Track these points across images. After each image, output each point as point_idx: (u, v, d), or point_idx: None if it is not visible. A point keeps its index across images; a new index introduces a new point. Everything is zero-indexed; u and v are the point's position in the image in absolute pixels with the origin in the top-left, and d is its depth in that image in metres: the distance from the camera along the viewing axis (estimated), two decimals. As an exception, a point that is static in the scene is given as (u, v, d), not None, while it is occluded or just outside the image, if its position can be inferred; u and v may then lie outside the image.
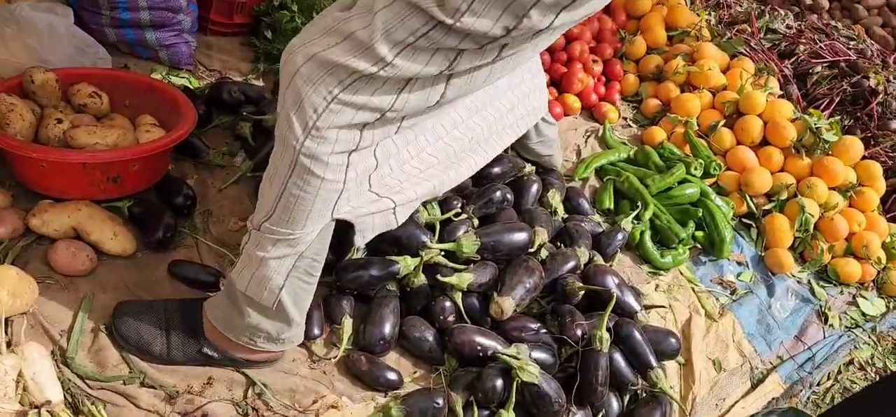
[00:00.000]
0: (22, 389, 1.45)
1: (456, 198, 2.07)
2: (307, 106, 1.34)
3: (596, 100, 2.94)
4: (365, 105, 1.36)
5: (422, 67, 1.32)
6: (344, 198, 1.51)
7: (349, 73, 1.31)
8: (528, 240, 1.98)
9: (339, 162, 1.43)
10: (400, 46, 1.29)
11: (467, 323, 1.87)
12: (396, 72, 1.31)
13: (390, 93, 1.36)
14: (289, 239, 1.49)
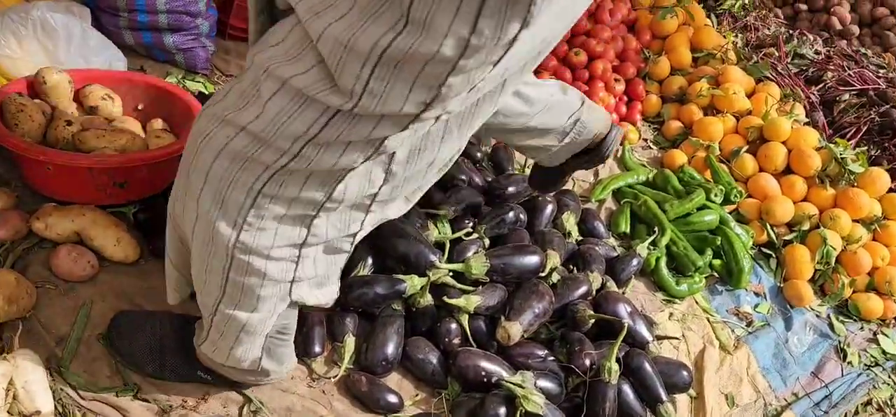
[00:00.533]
0: (12, 397, 1.40)
1: (467, 217, 2.01)
2: (231, 205, 1.19)
3: (617, 120, 2.86)
4: (297, 198, 1.19)
5: (336, 160, 1.12)
6: (303, 285, 1.37)
7: (264, 168, 1.14)
8: (539, 264, 1.91)
9: (286, 255, 1.28)
10: (302, 140, 1.09)
11: (473, 346, 1.80)
12: (311, 164, 1.13)
13: (321, 188, 1.18)
14: (248, 325, 1.37)
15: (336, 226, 1.29)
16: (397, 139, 1.12)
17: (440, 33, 0.93)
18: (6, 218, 1.65)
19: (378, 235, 1.82)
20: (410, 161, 1.24)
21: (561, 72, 2.81)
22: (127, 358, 1.55)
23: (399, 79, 1.00)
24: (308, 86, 1.04)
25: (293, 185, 1.16)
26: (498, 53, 0.99)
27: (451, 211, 1.96)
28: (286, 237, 1.24)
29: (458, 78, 1.00)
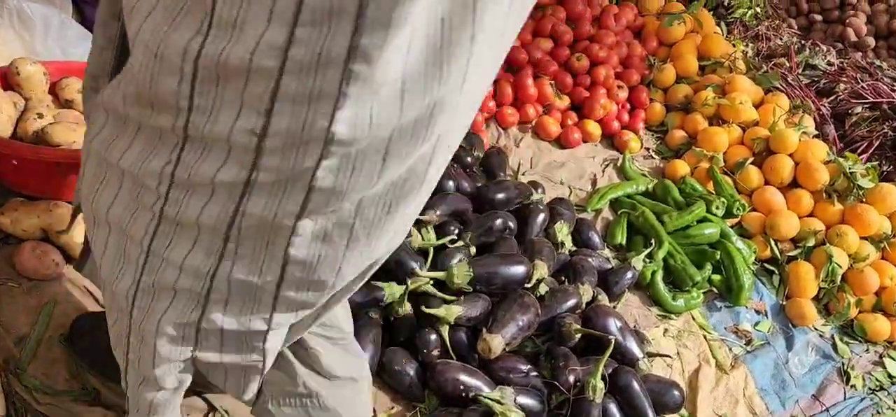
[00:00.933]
0: (-37, 400, 1.34)
1: (454, 223, 1.93)
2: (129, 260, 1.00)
3: (618, 128, 2.77)
4: (183, 265, 0.97)
5: (199, 211, 0.89)
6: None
7: (151, 216, 0.93)
8: (525, 274, 1.82)
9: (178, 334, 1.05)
10: (166, 179, 0.88)
11: (453, 359, 1.72)
12: (181, 215, 0.91)
13: (207, 253, 0.94)
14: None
15: (235, 316, 1.02)
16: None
17: (252, 38, 0.75)
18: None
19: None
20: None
21: (562, 76, 2.72)
22: (87, 360, 1.48)
23: (225, 95, 0.79)
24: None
25: (180, 245, 0.94)
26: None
27: (436, 216, 1.88)
28: (179, 312, 1.01)
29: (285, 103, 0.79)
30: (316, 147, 0.79)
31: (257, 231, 0.89)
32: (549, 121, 2.64)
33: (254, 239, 0.91)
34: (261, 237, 0.90)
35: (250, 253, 0.92)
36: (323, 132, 0.78)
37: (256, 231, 0.89)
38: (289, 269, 0.92)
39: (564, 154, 2.66)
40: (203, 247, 0.92)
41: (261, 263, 0.93)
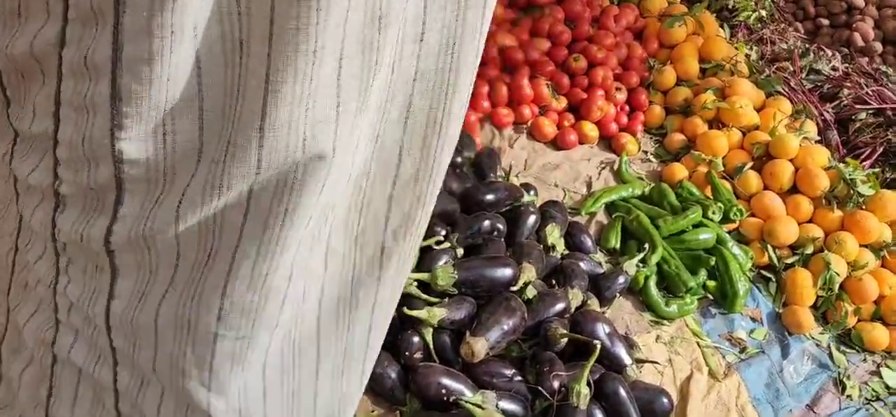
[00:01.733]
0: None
1: (440, 224, 1.89)
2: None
3: (615, 131, 2.72)
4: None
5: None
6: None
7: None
8: (512, 277, 1.78)
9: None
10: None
11: (436, 362, 1.69)
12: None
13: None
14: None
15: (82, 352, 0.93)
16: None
17: (31, 32, 0.71)
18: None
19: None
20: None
21: (559, 77, 2.68)
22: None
23: (26, 89, 0.75)
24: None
25: (33, 248, 0.88)
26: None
27: (421, 217, 1.84)
28: (39, 324, 0.93)
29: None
30: (106, 165, 0.74)
31: (78, 249, 0.83)
32: (545, 122, 2.61)
33: (82, 260, 0.85)
34: (85, 258, 0.84)
35: (80, 270, 0.86)
36: (108, 150, 0.73)
37: (76, 249, 0.83)
38: (114, 306, 0.85)
39: (559, 156, 2.62)
40: (46, 256, 0.87)
41: (91, 285, 0.86)
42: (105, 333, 0.88)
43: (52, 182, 0.79)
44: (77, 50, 0.68)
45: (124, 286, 0.85)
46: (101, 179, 0.75)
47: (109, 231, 0.79)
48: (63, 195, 0.79)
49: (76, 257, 0.85)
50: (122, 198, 0.77)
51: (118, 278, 0.84)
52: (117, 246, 0.80)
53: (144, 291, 0.85)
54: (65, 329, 0.91)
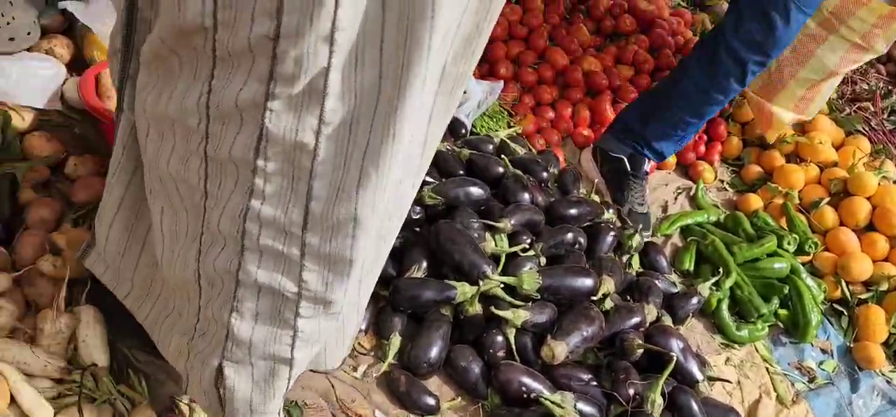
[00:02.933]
0: (73, 349, 1.46)
1: (526, 233, 1.98)
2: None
3: (693, 159, 2.77)
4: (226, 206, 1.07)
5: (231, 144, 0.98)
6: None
7: (200, 159, 1.05)
8: (592, 287, 1.86)
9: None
10: (203, 111, 0.98)
11: (517, 361, 1.77)
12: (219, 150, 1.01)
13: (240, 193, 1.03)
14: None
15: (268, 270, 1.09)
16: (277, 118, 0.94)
17: None
18: (89, 183, 1.73)
19: (434, 240, 1.82)
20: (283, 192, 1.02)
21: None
22: (113, 314, 1.53)
23: (240, 3, 0.86)
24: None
25: (226, 184, 1.02)
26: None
27: (509, 225, 1.94)
28: (224, 259, 1.09)
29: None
30: (324, 46, 0.86)
31: (282, 158, 0.96)
32: (626, 145, 2.67)
33: (279, 176, 0.97)
34: (285, 167, 0.96)
35: (277, 188, 0.99)
36: (328, 29, 0.85)
37: (281, 158, 0.96)
38: (312, 206, 0.99)
39: (638, 178, 2.68)
40: (239, 186, 1.00)
41: (288, 198, 0.99)
42: (299, 237, 1.03)
43: (267, 87, 0.90)
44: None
45: (321, 185, 0.98)
46: (319, 63, 0.88)
47: (319, 127, 0.92)
48: (275, 96, 0.91)
49: (274, 175, 0.97)
50: (330, 78, 0.90)
51: (315, 179, 0.98)
52: (323, 136, 0.94)
53: (340, 184, 0.98)
54: (250, 254, 1.06)
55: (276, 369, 1.18)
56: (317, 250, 1.05)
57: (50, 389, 1.39)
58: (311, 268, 1.07)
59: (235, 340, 1.15)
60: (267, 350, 1.16)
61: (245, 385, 1.20)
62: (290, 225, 1.02)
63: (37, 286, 1.50)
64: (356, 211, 1.01)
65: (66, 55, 1.97)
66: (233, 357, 1.17)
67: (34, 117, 1.82)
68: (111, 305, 1.52)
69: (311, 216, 1.01)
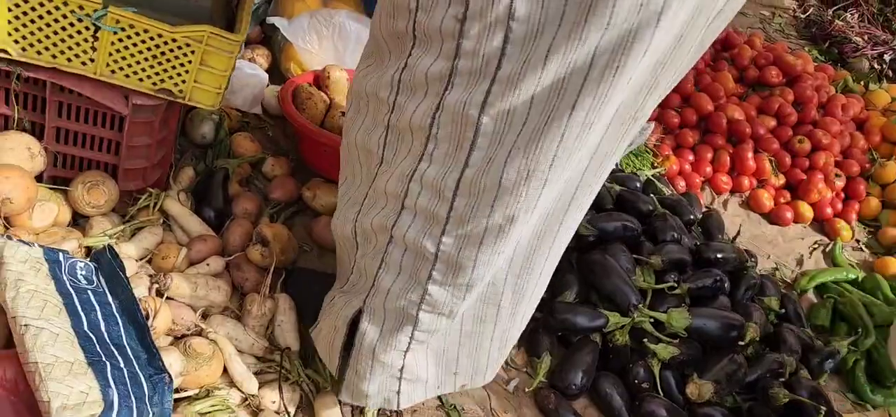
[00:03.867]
0: (271, 332, 1.62)
1: (672, 271, 2.04)
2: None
3: (830, 215, 2.75)
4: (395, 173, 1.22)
5: (415, 108, 1.12)
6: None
7: (383, 128, 1.21)
8: (739, 333, 1.90)
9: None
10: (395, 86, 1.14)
11: (660, 395, 1.83)
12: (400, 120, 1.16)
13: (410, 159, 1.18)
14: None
15: (417, 229, 1.23)
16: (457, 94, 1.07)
17: None
18: (283, 182, 1.91)
19: (588, 269, 1.91)
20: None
21: (781, 155, 2.76)
22: (298, 302, 1.66)
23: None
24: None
25: (400, 151, 1.18)
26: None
27: (659, 261, 2.00)
28: (382, 216, 1.27)
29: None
30: (500, 29, 0.98)
31: (451, 125, 1.09)
32: (764, 195, 2.69)
33: (446, 141, 1.11)
34: (453, 132, 1.10)
35: (443, 153, 1.13)
36: (506, 10, 0.96)
37: (450, 125, 1.09)
38: (466, 174, 1.11)
39: (773, 230, 2.70)
40: (412, 151, 1.15)
41: (449, 162, 1.13)
42: (449, 201, 1.16)
43: (451, 63, 1.03)
44: None
45: (477, 156, 1.11)
46: (492, 45, 1.00)
47: (486, 100, 1.04)
48: (457, 71, 1.04)
49: (443, 139, 1.11)
50: (502, 62, 1.01)
51: (474, 150, 1.10)
52: (488, 112, 1.05)
53: (492, 156, 1.10)
54: (406, 212, 1.22)
55: (402, 324, 1.33)
56: (460, 214, 1.17)
57: (253, 365, 1.54)
58: (451, 232, 1.20)
59: (378, 290, 1.31)
60: (398, 304, 1.30)
61: (373, 333, 1.35)
62: (445, 188, 1.15)
63: (242, 271, 1.66)
64: (500, 182, 1.11)
65: (265, 64, 2.16)
66: (371, 305, 1.34)
67: (238, 119, 2.01)
68: (300, 295, 1.69)
69: (463, 181, 1.14)
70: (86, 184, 1.55)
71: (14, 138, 1.46)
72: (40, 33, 1.34)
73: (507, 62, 1.01)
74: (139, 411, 1.19)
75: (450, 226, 1.20)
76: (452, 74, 1.05)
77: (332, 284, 1.71)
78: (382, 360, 1.37)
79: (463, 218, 1.18)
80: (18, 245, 1.26)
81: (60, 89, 1.45)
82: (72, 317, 1.23)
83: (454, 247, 1.22)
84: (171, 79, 1.45)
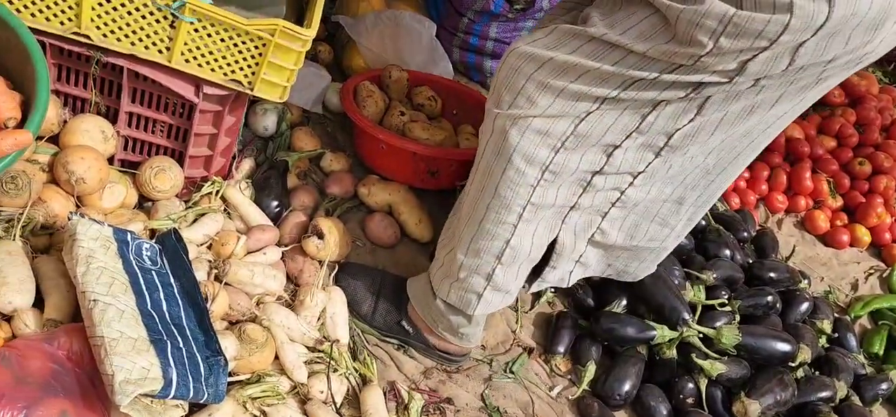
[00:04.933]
0: (322, 323, 1.64)
1: (724, 287, 2.00)
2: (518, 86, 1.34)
3: (888, 240, 2.67)
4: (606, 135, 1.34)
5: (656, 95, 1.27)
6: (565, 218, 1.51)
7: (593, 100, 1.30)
8: (790, 354, 1.85)
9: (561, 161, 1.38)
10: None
11: (704, 411, 1.80)
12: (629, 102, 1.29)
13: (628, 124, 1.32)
14: (489, 251, 1.49)
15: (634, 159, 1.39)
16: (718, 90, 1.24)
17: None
18: (340, 178, 1.93)
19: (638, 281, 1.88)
20: (682, 147, 1.35)
21: (839, 176, 2.69)
22: (347, 297, 1.69)
23: (740, 37, 1.14)
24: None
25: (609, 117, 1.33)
26: (820, 17, 1.10)
27: (711, 277, 1.97)
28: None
29: (789, 36, 1.12)
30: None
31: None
32: (820, 216, 2.62)
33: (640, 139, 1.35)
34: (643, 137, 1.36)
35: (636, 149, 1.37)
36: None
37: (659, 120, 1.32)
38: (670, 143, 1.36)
39: (828, 252, 2.63)
40: (629, 141, 1.36)
41: (639, 159, 1.39)
42: (654, 152, 1.37)
43: (744, 64, 1.17)
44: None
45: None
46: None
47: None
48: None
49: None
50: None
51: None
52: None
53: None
54: (587, 195, 1.43)
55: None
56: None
57: (303, 355, 1.56)
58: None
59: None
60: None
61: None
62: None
63: (297, 262, 1.69)
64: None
65: (327, 60, 2.19)
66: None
67: (299, 114, 2.04)
68: (350, 288, 1.71)
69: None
70: (153, 169, 1.59)
71: (90, 121, 1.51)
72: (121, 20, 1.38)
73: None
74: (195, 390, 1.22)
75: (610, 218, 1.53)
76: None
77: (382, 278, 1.74)
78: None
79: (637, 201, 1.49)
80: (91, 223, 1.30)
81: (136, 76, 1.49)
82: (136, 296, 1.27)
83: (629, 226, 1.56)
84: (241, 70, 1.48)
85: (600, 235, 1.55)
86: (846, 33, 1.14)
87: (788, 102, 1.31)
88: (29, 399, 1.10)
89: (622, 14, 1.23)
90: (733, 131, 1.35)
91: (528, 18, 2.39)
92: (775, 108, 1.31)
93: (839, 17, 1.10)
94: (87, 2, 1.34)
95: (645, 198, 1.49)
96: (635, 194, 1.47)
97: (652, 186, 1.46)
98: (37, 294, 1.29)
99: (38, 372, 1.14)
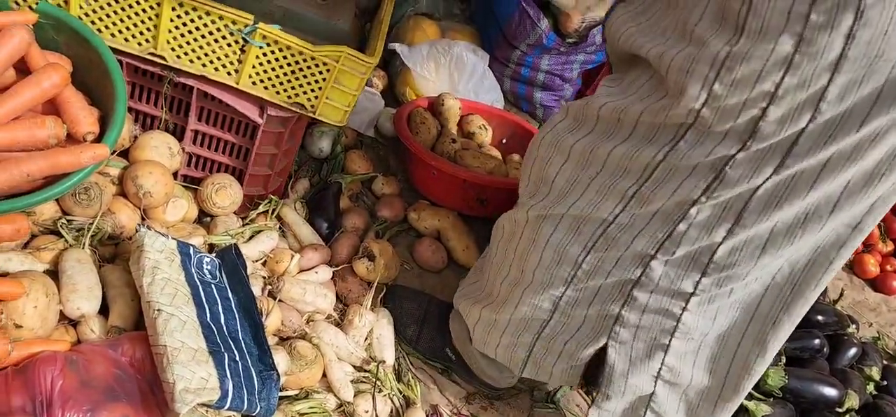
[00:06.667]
0: (369, 343, 1.65)
1: (770, 330, 1.97)
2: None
3: (937, 293, 2.61)
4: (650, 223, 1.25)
5: (674, 189, 1.17)
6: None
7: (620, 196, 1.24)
8: (837, 399, 1.82)
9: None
10: (650, 167, 1.18)
11: (749, 452, 1.77)
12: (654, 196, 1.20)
13: (662, 225, 1.24)
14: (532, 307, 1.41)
15: (665, 282, 1.28)
16: (739, 166, 1.10)
17: (775, 32, 0.98)
18: (391, 202, 1.95)
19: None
20: (757, 212, 1.16)
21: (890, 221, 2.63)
22: (394, 317, 1.69)
23: (737, 85, 1.03)
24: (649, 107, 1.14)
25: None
26: (832, 51, 0.96)
27: (757, 319, 1.94)
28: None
29: (793, 78, 0.99)
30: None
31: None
32: (870, 260, 2.57)
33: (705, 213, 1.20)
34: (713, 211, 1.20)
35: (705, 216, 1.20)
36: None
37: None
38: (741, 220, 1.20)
39: (877, 297, 2.57)
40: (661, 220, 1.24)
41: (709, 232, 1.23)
42: (699, 271, 1.24)
43: (754, 123, 1.05)
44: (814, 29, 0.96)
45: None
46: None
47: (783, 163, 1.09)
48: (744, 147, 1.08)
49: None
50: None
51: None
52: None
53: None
54: (631, 310, 1.32)
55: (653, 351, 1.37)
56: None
57: (350, 374, 1.58)
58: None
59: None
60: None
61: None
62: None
63: (347, 282, 1.71)
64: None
65: (381, 86, 2.23)
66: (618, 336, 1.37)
67: (353, 137, 2.08)
68: (397, 311, 1.72)
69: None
70: (215, 186, 1.64)
71: (158, 137, 1.56)
72: (194, 43, 1.43)
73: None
74: (249, 403, 1.25)
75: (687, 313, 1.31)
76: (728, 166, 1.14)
77: (428, 303, 1.75)
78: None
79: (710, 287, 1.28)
80: (157, 235, 1.35)
81: (204, 95, 1.54)
82: (197, 308, 1.30)
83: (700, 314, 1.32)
84: (304, 93, 1.52)
85: (668, 373, 1.39)
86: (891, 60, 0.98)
87: (843, 170, 1.10)
88: (92, 402, 1.13)
89: (629, 78, 1.20)
90: (791, 238, 1.19)
91: (579, 52, 2.41)
92: (826, 185, 1.12)
93: (862, 50, 0.96)
94: (163, 24, 1.40)
95: (710, 328, 1.34)
96: (693, 321, 1.32)
97: (717, 313, 1.32)
98: (102, 301, 1.34)
99: (102, 377, 1.17)
